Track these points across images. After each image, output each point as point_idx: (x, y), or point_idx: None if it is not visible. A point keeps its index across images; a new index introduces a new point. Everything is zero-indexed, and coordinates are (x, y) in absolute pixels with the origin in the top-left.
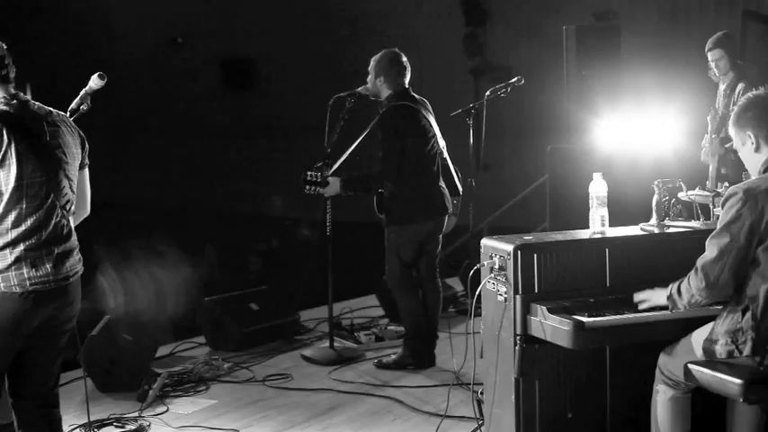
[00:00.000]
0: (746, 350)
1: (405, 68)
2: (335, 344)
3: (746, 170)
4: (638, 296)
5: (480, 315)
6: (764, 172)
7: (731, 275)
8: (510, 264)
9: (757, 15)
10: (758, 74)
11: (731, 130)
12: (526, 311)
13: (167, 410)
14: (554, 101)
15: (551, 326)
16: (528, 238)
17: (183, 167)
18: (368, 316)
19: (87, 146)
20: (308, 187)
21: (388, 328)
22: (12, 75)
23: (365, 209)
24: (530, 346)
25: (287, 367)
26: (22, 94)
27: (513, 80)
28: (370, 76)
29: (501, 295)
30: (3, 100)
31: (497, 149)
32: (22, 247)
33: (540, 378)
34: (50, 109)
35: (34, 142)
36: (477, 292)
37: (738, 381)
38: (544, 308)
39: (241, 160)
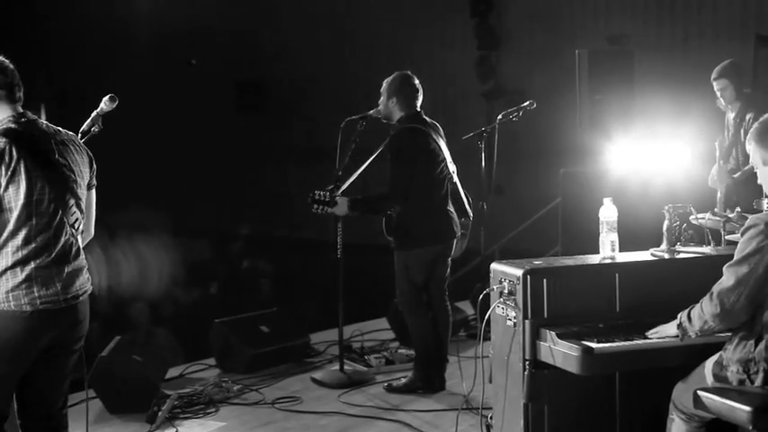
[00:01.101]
0: (758, 380)
1: (417, 91)
2: (346, 367)
3: (757, 199)
4: (649, 333)
5: (490, 339)
6: None
7: (747, 304)
8: (519, 288)
9: None
10: (763, 102)
11: (750, 148)
12: (535, 336)
13: None
14: (567, 124)
15: (560, 351)
16: (537, 262)
17: (196, 188)
18: (378, 339)
19: (95, 166)
20: (315, 206)
21: (399, 351)
22: (19, 95)
23: (376, 231)
24: (539, 371)
25: (296, 390)
26: (29, 113)
27: (524, 104)
28: (382, 98)
29: (510, 320)
30: (11, 118)
31: (510, 173)
32: (32, 265)
33: (549, 403)
34: (58, 128)
35: (42, 159)
36: (486, 317)
37: (748, 408)
38: (553, 333)
39: (254, 182)
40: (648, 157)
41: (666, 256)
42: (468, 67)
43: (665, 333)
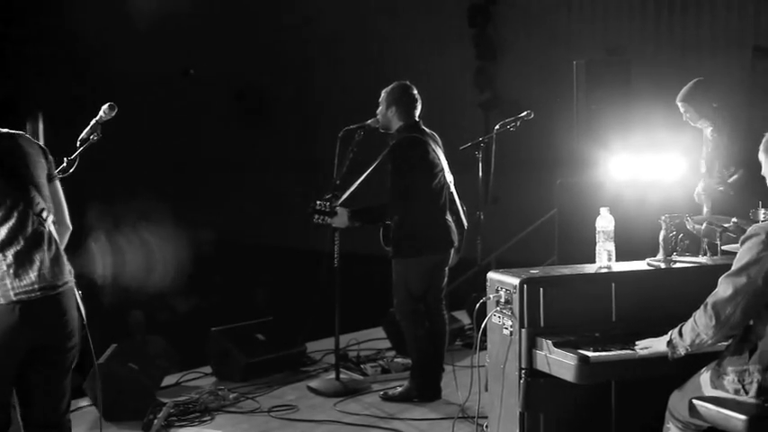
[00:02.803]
0: (752, 391)
1: (416, 101)
2: (341, 375)
3: (753, 209)
4: (639, 343)
5: (486, 348)
6: None
7: (742, 316)
8: (516, 297)
9: (767, 51)
10: (731, 116)
11: (762, 158)
12: (531, 345)
13: None
14: (564, 134)
15: (556, 360)
16: (534, 271)
17: (195, 198)
18: (374, 348)
19: (51, 157)
20: (316, 216)
21: (395, 360)
22: None
23: (373, 240)
24: (535, 379)
25: (292, 398)
26: None
27: (522, 114)
28: (380, 108)
29: (506, 329)
30: None
31: (507, 183)
32: (0, 257)
33: (545, 412)
34: (2, 129)
35: None
36: (482, 326)
37: (743, 417)
38: (549, 342)
39: (251, 192)
40: (645, 167)
41: (663, 265)
42: (466, 78)
43: (655, 349)
